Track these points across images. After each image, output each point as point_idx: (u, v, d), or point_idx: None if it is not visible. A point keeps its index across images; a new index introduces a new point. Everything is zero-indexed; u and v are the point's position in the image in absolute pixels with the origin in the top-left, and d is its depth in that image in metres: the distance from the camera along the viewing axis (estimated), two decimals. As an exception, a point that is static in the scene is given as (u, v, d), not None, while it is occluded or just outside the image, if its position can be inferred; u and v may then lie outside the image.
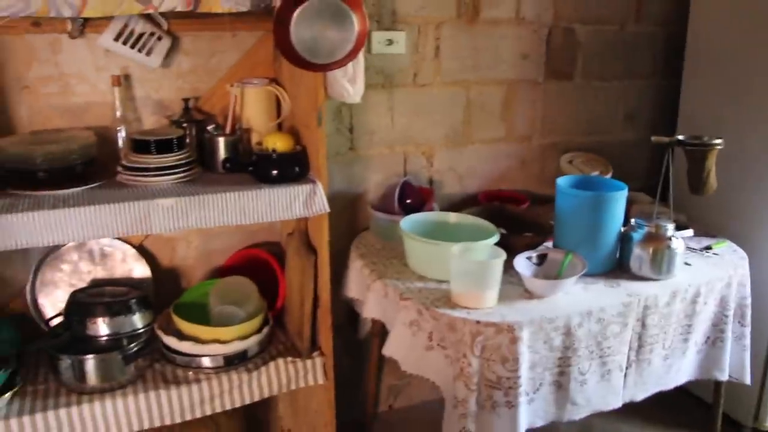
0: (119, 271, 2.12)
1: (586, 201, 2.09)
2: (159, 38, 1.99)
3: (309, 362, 2.01)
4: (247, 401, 1.96)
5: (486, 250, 1.93)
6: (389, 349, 1.95)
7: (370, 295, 2.07)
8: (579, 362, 1.90)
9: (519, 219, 2.40)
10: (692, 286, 2.08)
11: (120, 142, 1.99)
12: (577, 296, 1.97)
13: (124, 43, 1.94)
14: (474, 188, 2.69)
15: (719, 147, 2.18)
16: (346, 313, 2.43)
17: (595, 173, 2.61)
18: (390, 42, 2.37)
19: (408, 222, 2.13)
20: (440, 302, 1.88)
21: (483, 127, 2.64)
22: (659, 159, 2.25)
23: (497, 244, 1.99)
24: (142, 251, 2.16)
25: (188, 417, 1.89)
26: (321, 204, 1.87)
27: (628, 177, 2.92)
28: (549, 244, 2.24)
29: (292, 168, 1.89)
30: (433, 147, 2.57)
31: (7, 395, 1.72)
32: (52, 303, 2.06)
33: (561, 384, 1.90)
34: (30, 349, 1.92)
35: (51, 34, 1.95)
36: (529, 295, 1.95)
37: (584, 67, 2.80)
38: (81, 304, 1.89)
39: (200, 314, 1.98)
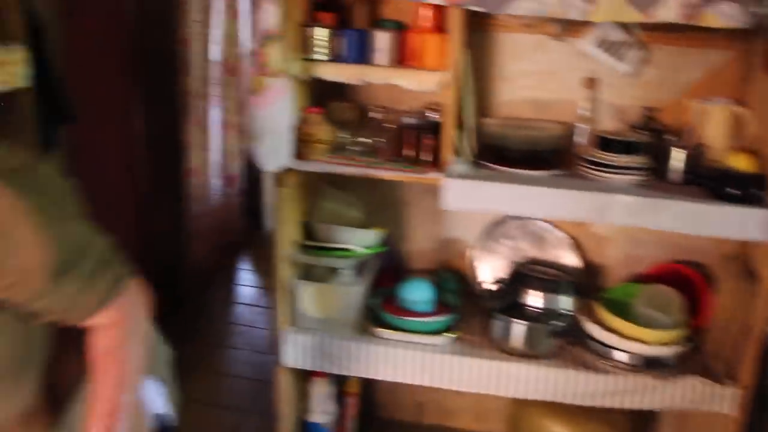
0: (551, 255, 2.31)
1: None
2: (632, 47, 2.11)
3: (724, 389, 1.98)
4: (653, 407, 2.00)
5: None
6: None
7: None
8: None
9: None
10: None
11: (581, 138, 2.16)
12: None
13: (601, 48, 2.11)
14: None
15: None
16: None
17: None
18: None
19: None
20: None
21: None
22: None
23: None
24: (576, 242, 2.32)
25: (595, 403, 2.00)
26: (774, 230, 1.83)
27: None
28: None
29: (750, 188, 1.87)
30: None
31: (453, 335, 2.02)
32: (487, 268, 2.33)
33: None
34: (472, 303, 2.21)
35: (537, 35, 2.19)
36: None
37: None
38: (521, 275, 2.12)
39: (620, 312, 2.07)
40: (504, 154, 2.04)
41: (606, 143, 2.00)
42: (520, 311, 2.07)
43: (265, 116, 1.89)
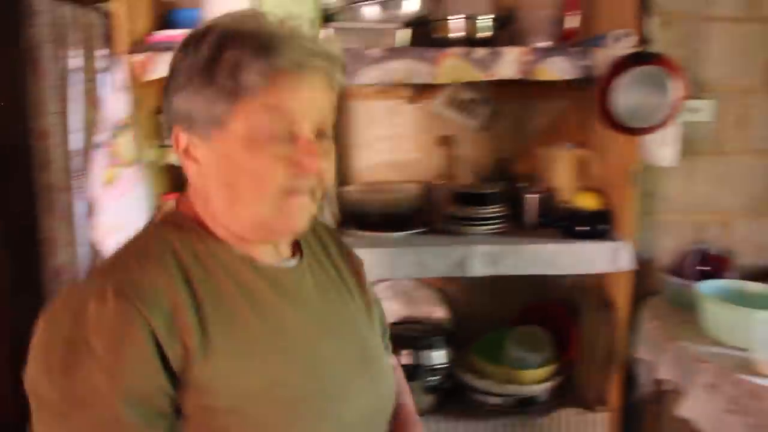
0: (423, 311, 2.38)
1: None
2: (481, 104, 2.25)
3: (596, 416, 2.08)
4: (536, 442, 2.08)
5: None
6: (685, 411, 1.96)
7: (664, 356, 2.09)
8: None
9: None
10: None
11: (439, 195, 2.26)
12: None
13: (452, 107, 2.23)
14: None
15: None
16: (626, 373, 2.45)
17: None
18: (695, 110, 2.42)
19: (705, 286, 2.13)
20: (740, 369, 1.85)
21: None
22: None
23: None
24: (445, 295, 2.40)
25: (481, 449, 2.05)
26: (626, 261, 1.97)
27: None
28: None
29: (598, 225, 2.01)
30: (732, 216, 2.53)
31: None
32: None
33: None
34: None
35: (391, 101, 2.30)
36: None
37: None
38: (392, 336, 2.16)
39: (493, 358, 2.15)
40: (365, 219, 2.10)
41: (463, 197, 2.10)
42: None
43: (119, 207, 1.87)
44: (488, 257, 1.94)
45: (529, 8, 2.09)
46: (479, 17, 1.98)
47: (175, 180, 2.14)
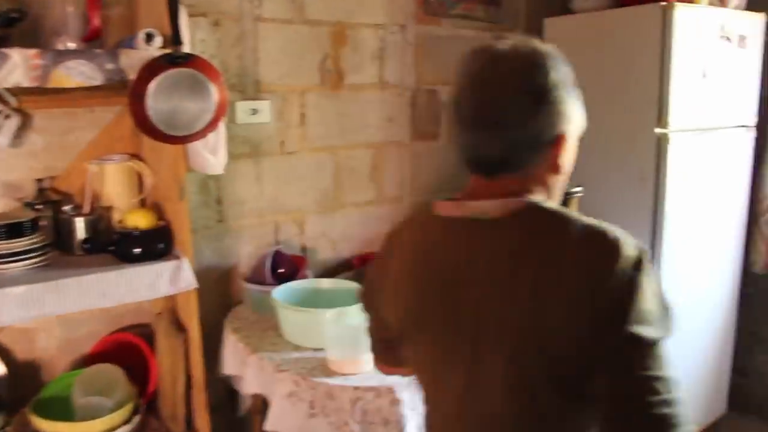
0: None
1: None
2: (7, 117, 1.89)
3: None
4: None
5: (360, 315, 1.92)
6: (271, 424, 1.88)
7: (247, 370, 2.00)
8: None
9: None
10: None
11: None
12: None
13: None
14: (348, 253, 2.69)
15: (579, 195, 2.26)
16: (226, 392, 2.34)
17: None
18: (254, 111, 2.37)
19: (281, 292, 2.10)
20: (317, 371, 1.84)
21: (353, 190, 2.67)
22: None
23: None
24: (-5, 345, 2.00)
25: None
26: (187, 280, 1.81)
27: None
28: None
29: (155, 245, 1.83)
30: (304, 214, 2.57)
31: None
32: None
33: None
34: None
35: None
36: (407, 355, 1.95)
37: (448, 127, 2.90)
38: None
39: (64, 409, 1.84)
40: None
41: (-11, 231, 1.74)
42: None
43: None
44: (23, 300, 1.62)
45: (49, 4, 1.80)
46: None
47: None
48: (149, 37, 1.73)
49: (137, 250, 1.79)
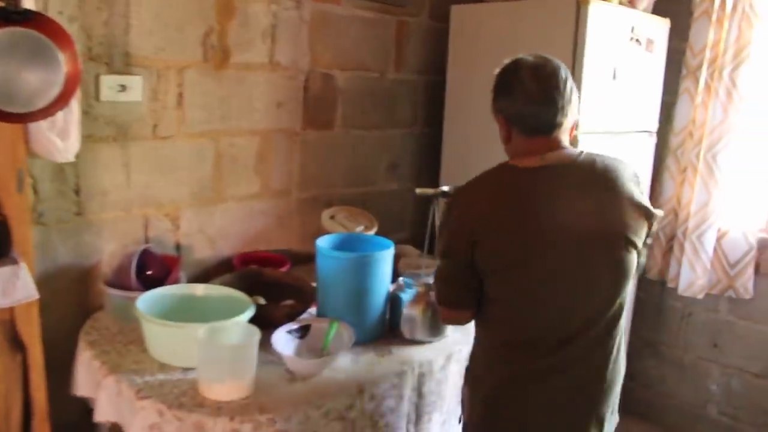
0: None
1: (349, 263, 1.91)
2: None
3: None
4: None
5: (238, 330, 1.66)
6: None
7: (102, 393, 1.69)
8: (353, 448, 1.69)
9: (278, 284, 2.17)
10: (467, 344, 1.98)
11: None
12: (346, 372, 1.77)
13: None
14: (228, 251, 2.41)
15: None
16: (81, 415, 1.99)
17: (360, 228, 2.46)
18: (123, 88, 2.04)
19: (146, 300, 1.80)
20: (186, 397, 1.57)
21: (236, 182, 2.39)
22: (425, 208, 2.15)
23: (253, 317, 1.74)
24: None
25: None
26: (26, 290, 1.49)
27: (394, 228, 2.86)
28: (313, 310, 2.04)
29: (-13, 245, 1.49)
30: (179, 207, 2.26)
31: None
32: None
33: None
34: None
35: None
36: (293, 376, 1.71)
37: (344, 115, 2.68)
38: None
39: None
40: None
41: None
42: None
43: None
44: None
45: None
46: None
47: None
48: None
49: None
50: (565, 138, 1.52)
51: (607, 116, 2.52)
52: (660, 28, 2.75)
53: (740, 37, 2.79)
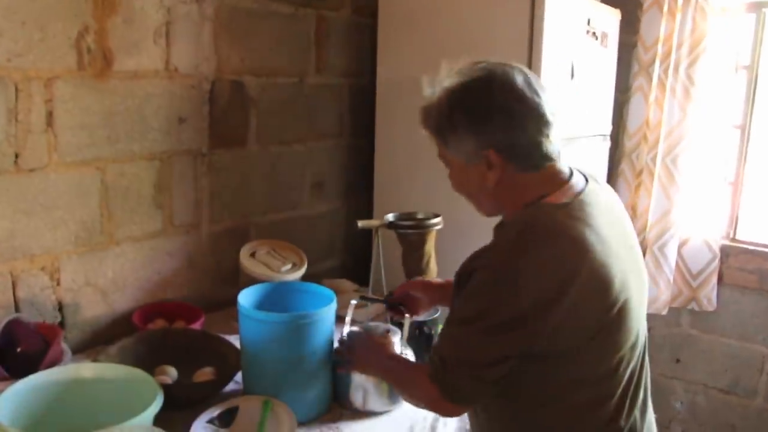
0: None
1: (281, 328, 1.49)
2: None
3: None
4: None
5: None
6: None
7: None
8: None
9: (193, 347, 1.72)
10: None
11: None
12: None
13: None
14: (126, 305, 1.93)
15: (438, 227, 1.78)
16: None
17: (287, 267, 2.04)
18: (-30, 108, 1.55)
19: (9, 399, 1.31)
20: None
21: (130, 219, 1.91)
22: (359, 233, 1.78)
23: (164, 401, 1.31)
24: None
25: None
26: None
27: (322, 256, 2.50)
28: (240, 377, 1.61)
29: None
30: (58, 257, 1.77)
31: None
32: None
33: None
34: None
35: None
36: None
37: (259, 129, 2.24)
38: None
39: None
40: None
41: None
42: None
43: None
44: None
45: None
46: None
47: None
48: None
49: None
50: None
51: (564, 121, 2.20)
52: (612, 20, 2.47)
53: (695, 30, 2.57)
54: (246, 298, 1.57)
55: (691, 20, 2.55)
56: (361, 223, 1.78)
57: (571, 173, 1.24)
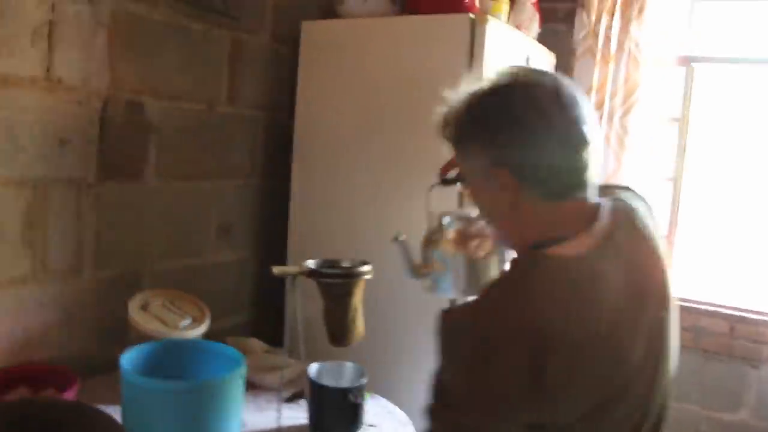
0: None
1: (175, 398, 1.18)
2: None
3: None
4: None
5: None
6: None
7: None
8: None
9: (62, 423, 1.36)
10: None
11: None
12: None
13: None
14: (-18, 367, 1.56)
15: (368, 276, 1.53)
16: None
17: (185, 323, 1.71)
18: None
19: None
20: None
21: (-9, 261, 1.56)
22: (271, 285, 1.50)
23: None
24: None
25: None
26: None
27: (227, 311, 2.20)
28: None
29: None
30: None
31: None
32: None
33: None
34: None
35: None
36: None
37: (159, 160, 1.93)
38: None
39: None
40: None
41: None
42: None
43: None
44: None
45: None
46: None
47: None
48: None
49: None
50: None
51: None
52: (547, 62, 2.34)
53: (629, 80, 2.49)
54: (131, 359, 1.25)
55: (624, 69, 2.48)
56: (276, 270, 1.50)
57: (599, 207, 1.03)
